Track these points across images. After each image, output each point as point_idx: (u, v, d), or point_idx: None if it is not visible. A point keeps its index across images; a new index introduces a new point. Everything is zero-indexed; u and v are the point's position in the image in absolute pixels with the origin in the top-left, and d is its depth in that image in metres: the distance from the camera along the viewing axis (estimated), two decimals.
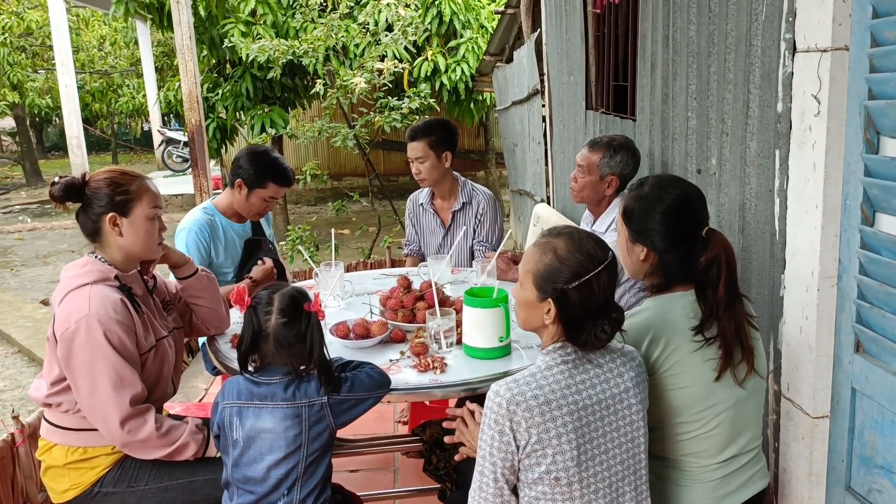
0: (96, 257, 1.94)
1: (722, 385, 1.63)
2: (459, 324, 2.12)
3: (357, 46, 6.98)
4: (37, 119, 18.30)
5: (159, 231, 2.02)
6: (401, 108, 6.33)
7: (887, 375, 1.62)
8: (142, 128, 20.11)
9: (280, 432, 1.70)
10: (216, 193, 2.98)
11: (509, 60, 6.71)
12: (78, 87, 10.95)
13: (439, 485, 2.17)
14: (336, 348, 2.10)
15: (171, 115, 15.59)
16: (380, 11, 6.80)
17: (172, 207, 10.71)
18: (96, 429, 1.88)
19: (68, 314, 1.82)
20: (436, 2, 7.64)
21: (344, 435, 1.99)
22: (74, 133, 10.03)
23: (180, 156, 14.30)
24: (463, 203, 3.19)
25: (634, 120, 3.14)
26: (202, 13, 7.10)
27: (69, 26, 10.70)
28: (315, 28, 6.80)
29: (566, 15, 4.34)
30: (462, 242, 3.16)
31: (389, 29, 6.83)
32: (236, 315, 2.31)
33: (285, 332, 1.70)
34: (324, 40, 6.47)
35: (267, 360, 1.74)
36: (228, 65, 7.88)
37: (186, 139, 9.13)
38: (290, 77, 7.71)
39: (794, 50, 1.83)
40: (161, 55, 15.29)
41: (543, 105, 5.18)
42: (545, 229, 1.59)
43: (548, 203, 5.23)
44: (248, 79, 7.53)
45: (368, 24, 6.82)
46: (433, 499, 2.28)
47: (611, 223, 2.65)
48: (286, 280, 3.10)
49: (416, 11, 7.17)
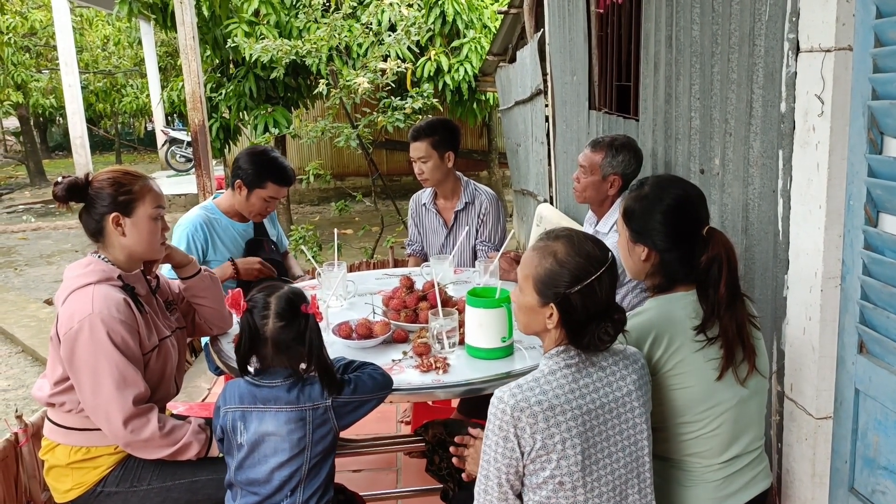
0: (99, 257, 1.95)
1: (724, 385, 1.63)
2: (462, 324, 2.12)
3: (360, 46, 6.98)
4: (41, 119, 18.33)
5: (162, 231, 2.02)
6: (404, 108, 6.33)
7: (891, 376, 1.62)
8: (145, 128, 20.14)
9: (284, 435, 1.69)
10: (219, 193, 2.99)
11: (512, 60, 6.70)
12: (82, 87, 10.98)
13: (442, 485, 2.17)
14: (338, 348, 2.10)
15: (175, 115, 15.62)
16: (383, 11, 6.80)
17: (176, 207, 10.72)
18: (99, 428, 1.88)
19: (72, 314, 1.83)
20: (439, 2, 7.64)
21: (347, 435, 1.99)
22: (78, 133, 10.06)
23: (183, 156, 14.33)
24: (466, 203, 3.18)
25: (637, 120, 3.14)
26: (205, 13, 7.11)
27: (73, 26, 10.74)
28: (318, 28, 6.79)
29: (569, 15, 4.33)
30: (465, 242, 3.16)
31: (392, 29, 6.83)
32: None
33: (283, 336, 1.69)
34: (327, 40, 6.47)
35: (267, 363, 1.73)
36: (232, 65, 7.89)
37: (190, 139, 9.15)
38: (294, 77, 7.71)
39: (798, 50, 1.82)
40: (164, 55, 15.31)
41: (546, 105, 5.17)
42: (542, 233, 1.58)
43: (551, 203, 5.22)
44: (252, 79, 7.53)
45: (371, 24, 6.82)
46: (435, 499, 2.28)
47: (614, 224, 2.65)
48: (290, 278, 3.11)
49: (420, 11, 7.16)
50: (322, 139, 6.73)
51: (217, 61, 7.88)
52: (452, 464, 1.85)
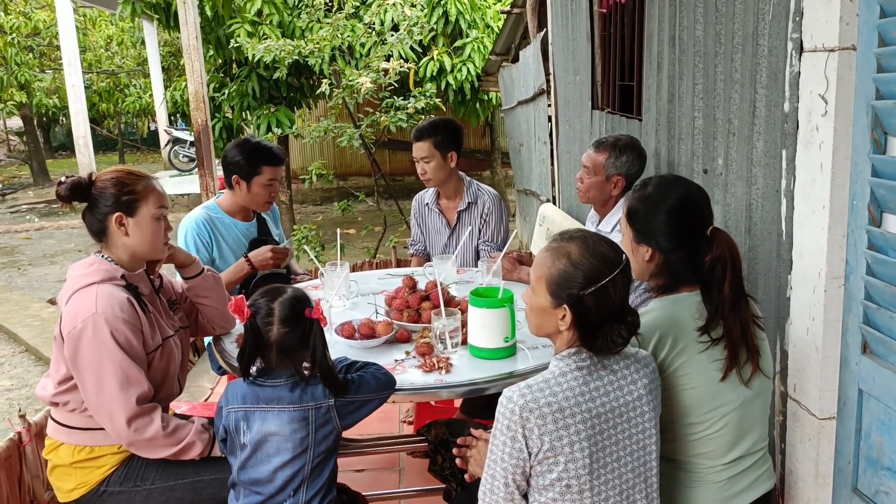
0: (103, 257, 1.95)
1: (728, 385, 1.63)
2: (465, 324, 2.12)
3: (363, 46, 6.98)
4: (44, 119, 18.38)
5: (165, 231, 2.02)
6: (406, 108, 6.33)
7: (894, 377, 1.61)
8: (148, 127, 20.18)
9: (287, 435, 1.69)
10: (221, 193, 2.99)
11: (515, 60, 6.70)
12: (85, 87, 10.98)
13: (444, 485, 2.17)
14: (341, 348, 2.10)
15: (178, 115, 15.66)
16: (385, 11, 6.81)
17: (179, 207, 10.74)
18: (103, 428, 1.88)
19: (75, 313, 1.83)
20: (441, 1, 7.64)
21: (349, 435, 1.99)
22: (81, 133, 10.06)
23: (187, 155, 14.35)
24: (468, 203, 3.18)
25: (640, 120, 3.13)
26: (209, 13, 7.12)
27: (76, 26, 10.74)
28: (321, 28, 6.80)
29: (572, 15, 4.33)
30: (467, 242, 3.16)
31: (395, 29, 6.84)
32: None
33: (288, 342, 1.68)
34: (329, 40, 6.47)
35: (270, 367, 1.73)
36: (234, 65, 7.89)
37: (193, 139, 9.16)
38: (296, 77, 7.72)
39: (801, 49, 1.82)
40: (168, 55, 15.35)
41: (549, 105, 5.17)
42: (556, 233, 1.56)
43: (553, 203, 5.22)
44: (254, 79, 7.54)
45: (374, 24, 6.82)
46: (438, 499, 2.28)
47: (616, 223, 2.64)
48: (292, 274, 3.11)
49: (422, 11, 7.17)
50: (325, 139, 6.73)
51: (220, 61, 7.89)
52: (455, 464, 1.85)
